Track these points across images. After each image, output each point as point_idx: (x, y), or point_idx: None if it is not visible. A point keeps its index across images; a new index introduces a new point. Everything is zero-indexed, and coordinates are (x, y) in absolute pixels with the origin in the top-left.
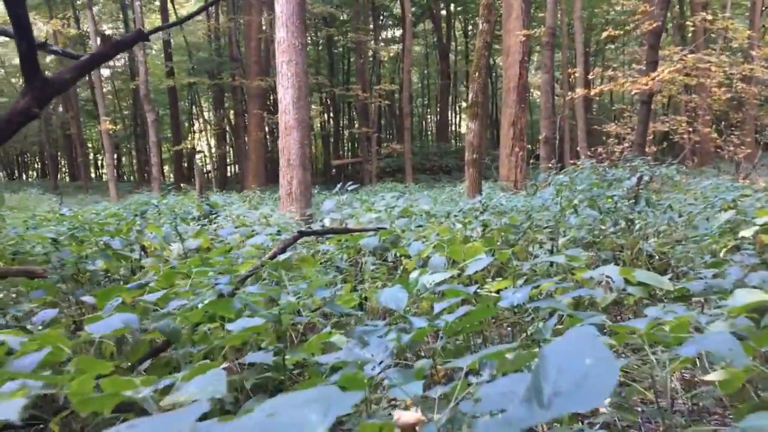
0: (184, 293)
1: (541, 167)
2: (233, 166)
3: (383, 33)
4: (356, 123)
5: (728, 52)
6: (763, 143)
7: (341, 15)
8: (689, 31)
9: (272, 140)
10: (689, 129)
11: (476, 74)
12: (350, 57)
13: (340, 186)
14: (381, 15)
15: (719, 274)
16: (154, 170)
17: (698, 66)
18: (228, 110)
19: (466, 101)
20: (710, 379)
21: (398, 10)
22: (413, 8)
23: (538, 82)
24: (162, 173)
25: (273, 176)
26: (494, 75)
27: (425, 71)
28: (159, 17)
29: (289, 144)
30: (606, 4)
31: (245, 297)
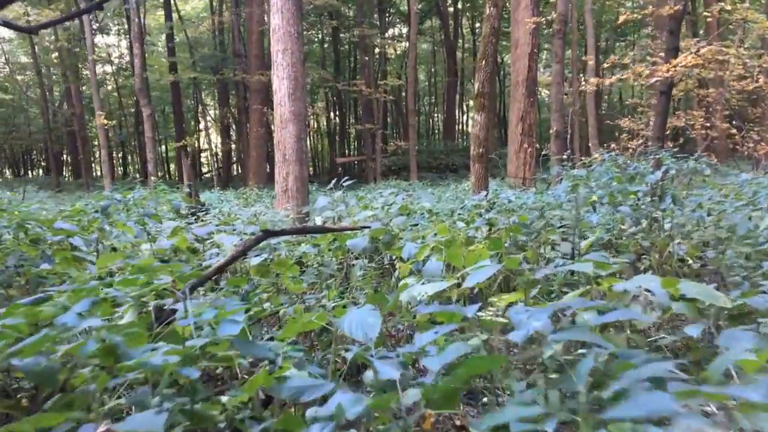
0: (93, 310)
1: (553, 162)
2: (237, 164)
3: (390, 31)
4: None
5: (746, 44)
6: None
7: (347, 11)
8: (702, 26)
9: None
10: (706, 124)
11: (483, 62)
12: (356, 54)
13: (335, 182)
14: (387, 11)
15: None
16: (150, 167)
17: (717, 58)
18: (231, 107)
19: (473, 93)
20: None
21: (404, 7)
22: (420, 4)
23: (547, 80)
24: (167, 171)
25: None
26: (502, 73)
27: (432, 69)
28: (162, 13)
29: (285, 138)
30: None
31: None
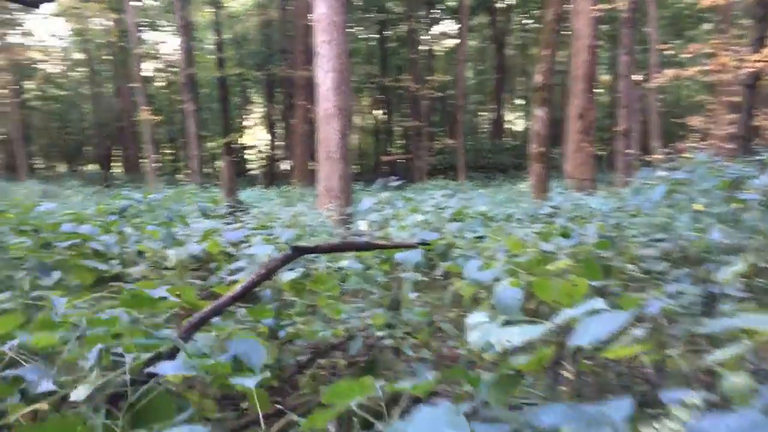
0: None
1: (620, 163)
2: (283, 162)
3: (436, 27)
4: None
5: None
6: None
7: (394, 7)
8: None
9: None
10: None
11: (545, 52)
12: (403, 51)
13: (382, 182)
14: (435, 7)
15: None
16: (193, 163)
17: None
18: (277, 104)
19: (533, 86)
20: None
21: (453, 2)
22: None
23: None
24: (213, 168)
25: None
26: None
27: (480, 67)
28: (210, 10)
29: (329, 134)
30: None
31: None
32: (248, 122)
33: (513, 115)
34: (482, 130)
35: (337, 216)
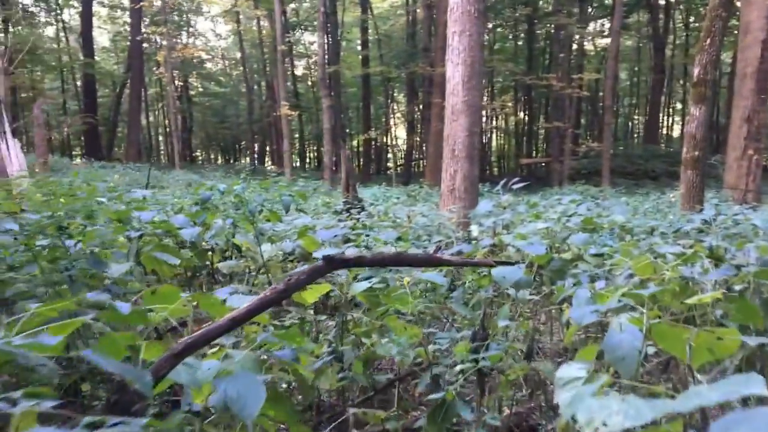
0: None
1: None
2: (419, 161)
3: (591, 26)
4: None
5: None
6: None
7: (545, 5)
8: None
9: None
10: None
11: (707, 41)
12: (551, 50)
13: (503, 183)
14: (589, 5)
15: None
16: (326, 158)
17: None
18: (419, 102)
19: (692, 80)
20: None
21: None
22: None
23: None
24: (351, 164)
25: None
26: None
27: (635, 67)
28: (358, 10)
29: (455, 131)
30: None
31: None
32: (392, 121)
33: (670, 120)
34: (635, 135)
35: (459, 218)
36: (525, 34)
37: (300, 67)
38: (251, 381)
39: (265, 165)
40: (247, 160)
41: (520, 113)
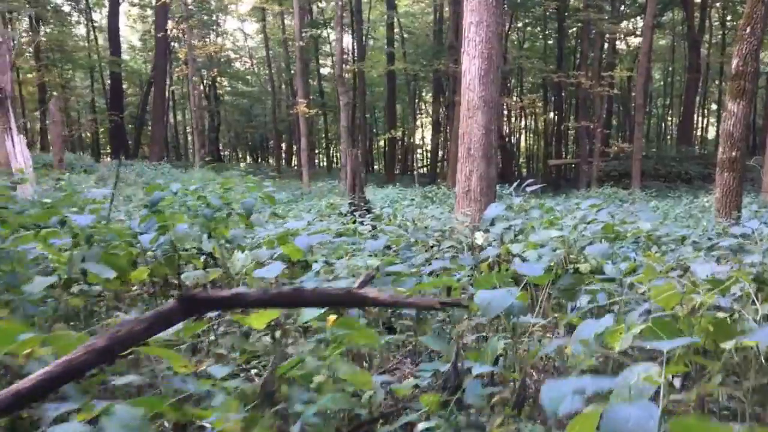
0: None
1: None
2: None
3: (623, 24)
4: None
5: None
6: None
7: (576, 2)
8: None
9: None
10: None
11: (747, 29)
12: (581, 49)
13: (516, 185)
14: (622, 2)
15: None
16: (343, 158)
17: None
18: (445, 101)
19: (729, 73)
20: None
21: None
22: None
23: None
24: (385, 164)
25: None
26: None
27: (669, 67)
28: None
29: (471, 129)
30: None
31: None
32: (419, 121)
33: (705, 121)
34: (668, 136)
35: (474, 222)
36: (555, 32)
37: (328, 66)
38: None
39: (292, 165)
40: (276, 160)
41: (550, 113)
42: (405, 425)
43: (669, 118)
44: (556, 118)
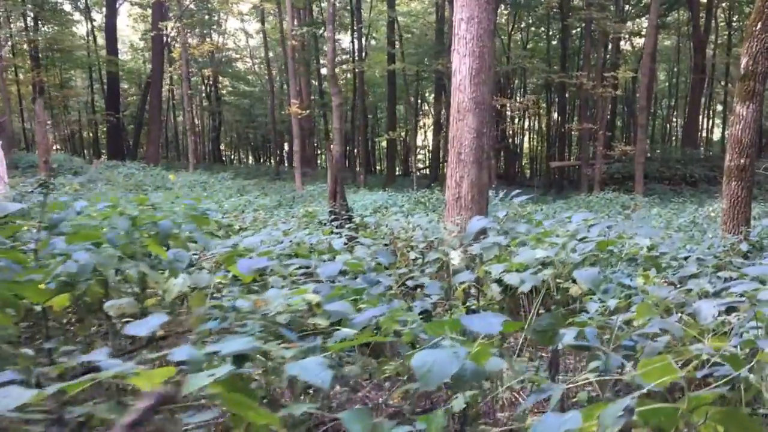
0: None
1: None
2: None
3: (628, 24)
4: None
5: None
6: None
7: (579, 1)
8: None
9: None
10: None
11: (758, 25)
12: (583, 49)
13: (504, 194)
14: (626, 2)
15: None
16: (336, 156)
17: None
18: (445, 102)
19: (737, 73)
20: None
21: None
22: None
23: None
24: (372, 165)
25: None
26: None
27: (674, 69)
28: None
29: (462, 132)
30: None
31: None
32: (420, 122)
33: (710, 123)
34: (673, 138)
35: (463, 232)
36: (559, 32)
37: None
38: None
39: (292, 165)
40: (276, 161)
41: (553, 114)
42: None
43: (674, 120)
44: (559, 120)
